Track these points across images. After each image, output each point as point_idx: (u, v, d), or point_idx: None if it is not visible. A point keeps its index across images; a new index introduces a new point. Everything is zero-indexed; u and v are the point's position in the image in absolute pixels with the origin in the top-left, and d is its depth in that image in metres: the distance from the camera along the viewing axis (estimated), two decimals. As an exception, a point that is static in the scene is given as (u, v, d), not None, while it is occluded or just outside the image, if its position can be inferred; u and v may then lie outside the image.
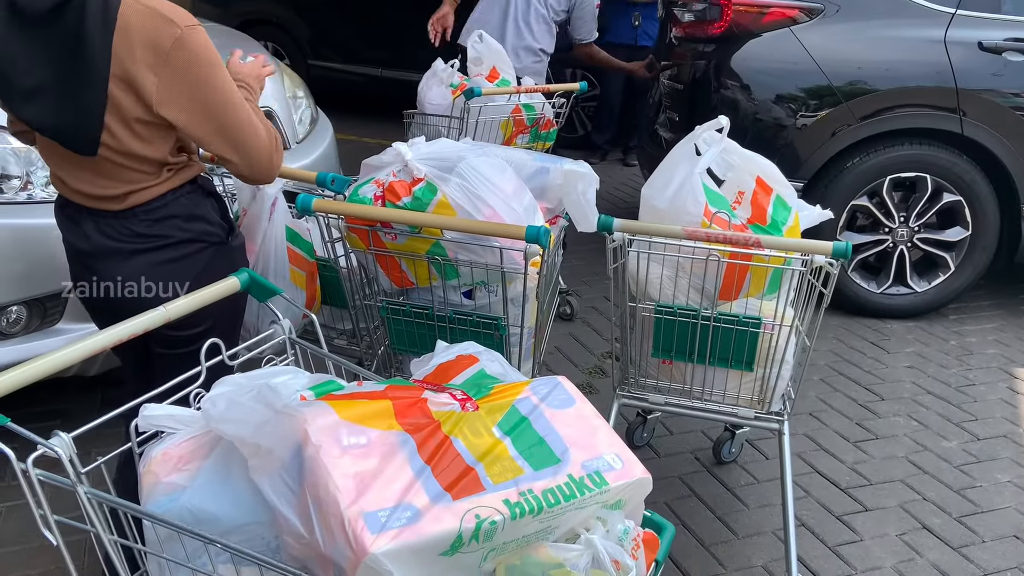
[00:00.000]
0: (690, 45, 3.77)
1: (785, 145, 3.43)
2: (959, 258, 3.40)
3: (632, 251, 1.93)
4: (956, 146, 3.31)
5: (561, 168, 2.11)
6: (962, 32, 3.24)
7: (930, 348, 3.23)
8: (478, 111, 3.05)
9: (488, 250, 1.74)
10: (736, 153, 2.11)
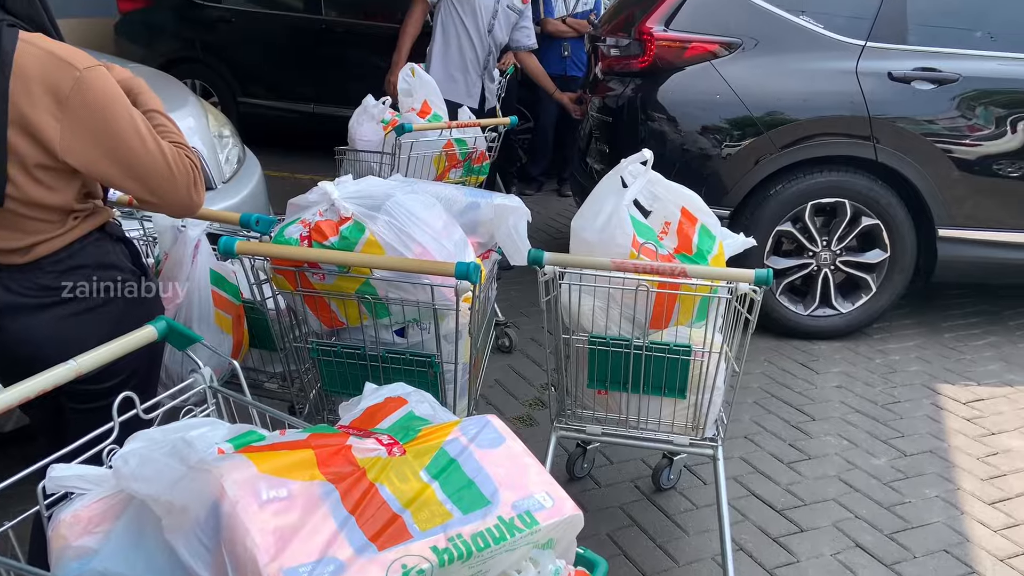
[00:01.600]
0: (616, 79, 3.86)
1: (712, 174, 3.52)
2: (880, 279, 3.52)
3: (564, 283, 1.95)
4: (872, 172, 3.44)
5: (492, 203, 2.12)
6: (872, 63, 3.39)
7: (857, 367, 3.33)
8: (410, 147, 3.05)
9: (419, 287, 1.73)
10: (661, 185, 2.15)
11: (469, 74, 4.13)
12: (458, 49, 4.08)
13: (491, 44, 4.13)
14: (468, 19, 4.03)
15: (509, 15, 4.12)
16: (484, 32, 4.08)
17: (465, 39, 4.07)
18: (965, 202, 3.42)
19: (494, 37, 4.12)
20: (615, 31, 3.91)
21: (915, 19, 3.45)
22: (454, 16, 4.04)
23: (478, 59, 4.12)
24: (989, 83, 3.36)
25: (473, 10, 4.02)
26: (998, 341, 3.58)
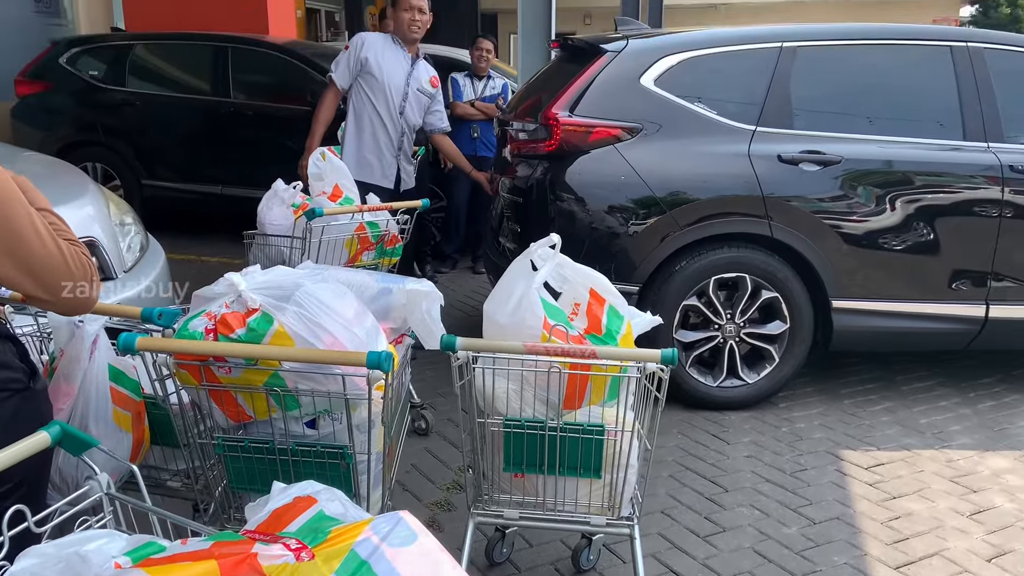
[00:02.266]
0: (525, 161, 3.97)
1: (620, 251, 3.64)
2: (782, 350, 3.67)
3: (477, 368, 1.96)
4: (768, 247, 3.62)
5: (404, 288, 2.13)
6: (763, 146, 3.60)
7: (765, 436, 3.43)
8: (321, 231, 3.04)
9: (330, 377, 1.71)
10: (570, 267, 2.21)
11: (384, 156, 4.19)
12: (371, 132, 4.15)
13: (404, 126, 4.22)
14: (379, 103, 4.12)
15: (420, 98, 4.25)
16: (396, 114, 4.16)
17: (378, 122, 4.14)
18: (855, 274, 3.63)
19: (406, 119, 4.22)
20: (523, 116, 4.05)
21: (799, 106, 3.71)
22: (365, 100, 4.12)
23: (392, 141, 4.19)
24: (868, 164, 3.61)
25: (384, 94, 4.12)
26: (894, 406, 3.75)
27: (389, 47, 4.15)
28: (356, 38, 4.17)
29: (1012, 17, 20.20)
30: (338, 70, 4.12)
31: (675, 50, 3.75)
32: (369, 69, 4.07)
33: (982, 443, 3.38)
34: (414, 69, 4.19)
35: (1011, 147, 3.65)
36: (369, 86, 4.10)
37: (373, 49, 4.10)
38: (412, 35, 4.13)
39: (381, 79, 4.08)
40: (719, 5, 19.70)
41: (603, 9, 17.62)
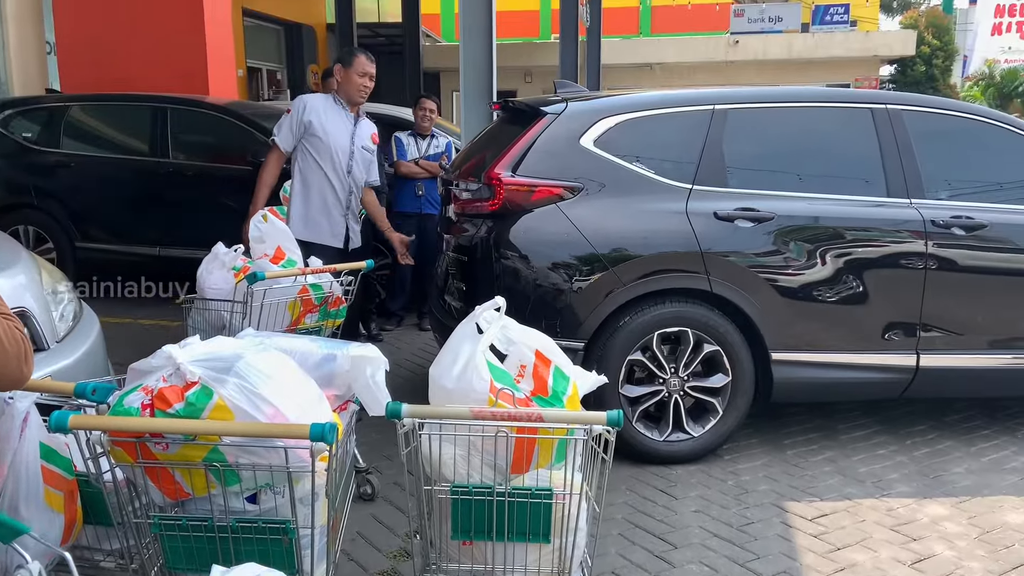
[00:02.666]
0: (470, 220, 4.01)
1: (565, 307, 3.67)
2: (725, 402, 3.72)
3: (424, 434, 1.94)
4: (709, 302, 3.70)
5: (348, 354, 2.12)
6: (700, 204, 3.71)
7: (712, 490, 3.45)
8: (263, 294, 3.01)
9: (272, 450, 1.68)
10: (515, 329, 2.22)
11: (332, 216, 4.19)
12: (320, 193, 4.14)
13: (351, 185, 4.24)
14: (326, 163, 4.14)
15: (364, 155, 4.29)
16: (343, 174, 4.19)
17: (325, 182, 4.15)
18: (792, 326, 3.73)
19: (354, 178, 4.24)
20: (466, 175, 4.10)
21: (732, 165, 3.84)
22: (312, 162, 4.13)
23: (340, 201, 4.20)
24: (799, 220, 3.74)
25: (331, 154, 4.14)
26: (835, 455, 3.83)
27: (331, 108, 4.18)
28: (298, 101, 4.19)
29: (927, 75, 21.35)
30: (281, 133, 4.13)
31: (613, 112, 3.86)
32: (314, 131, 4.08)
33: (920, 491, 3.47)
34: (357, 128, 4.23)
35: (932, 203, 3.83)
36: (315, 148, 4.11)
37: (316, 111, 4.12)
38: (360, 98, 4.19)
39: (327, 140, 4.11)
40: (654, 65, 20.40)
41: (543, 68, 18.09)
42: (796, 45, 19.71)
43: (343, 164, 4.17)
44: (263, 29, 15.34)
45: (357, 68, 4.10)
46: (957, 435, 4.06)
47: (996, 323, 3.87)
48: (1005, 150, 4.06)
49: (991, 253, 3.86)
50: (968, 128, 4.09)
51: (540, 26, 25.52)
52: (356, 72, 4.11)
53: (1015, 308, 3.88)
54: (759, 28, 20.13)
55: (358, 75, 4.11)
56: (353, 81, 4.12)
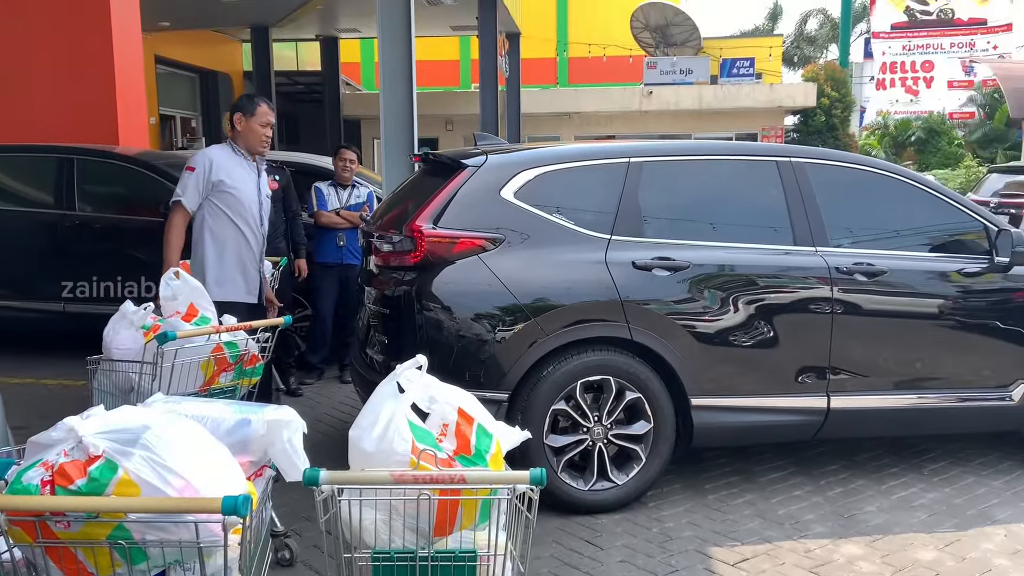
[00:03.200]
0: (391, 272, 3.99)
1: (489, 358, 3.67)
2: (648, 449, 3.77)
3: (343, 500, 1.89)
4: (629, 350, 3.76)
5: (263, 418, 2.05)
6: (618, 254, 3.79)
7: (636, 538, 3.47)
8: (174, 354, 2.90)
9: (181, 525, 1.60)
10: (437, 387, 2.20)
11: (248, 271, 4.08)
12: (235, 250, 4.00)
13: (263, 235, 4.14)
14: (240, 219, 4.02)
15: (267, 204, 4.18)
16: (257, 227, 4.09)
17: (240, 238, 4.02)
18: (710, 372, 3.82)
19: (265, 228, 4.15)
20: (387, 227, 4.09)
21: (648, 215, 3.95)
22: (224, 219, 3.99)
23: (255, 255, 4.10)
24: (713, 268, 3.86)
25: (243, 210, 4.02)
26: (754, 498, 3.91)
27: (235, 159, 4.04)
28: (201, 158, 4.00)
29: (828, 125, 22.54)
30: (187, 194, 3.92)
31: (532, 165, 3.93)
32: (225, 188, 3.95)
33: (835, 531, 3.56)
34: (260, 176, 4.14)
35: (836, 251, 4.01)
36: (227, 204, 3.98)
37: (223, 168, 3.97)
38: (262, 149, 4.09)
39: (239, 196, 3.99)
40: (572, 114, 20.92)
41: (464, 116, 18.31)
42: (706, 96, 20.56)
43: (256, 216, 4.08)
44: (177, 76, 15.10)
45: (259, 118, 4.01)
46: (868, 474, 4.21)
47: (899, 364, 4.05)
48: (898, 199, 4.31)
49: (891, 297, 4.06)
50: (864, 179, 4.32)
51: (460, 75, 25.91)
52: (258, 122, 4.01)
53: (915, 350, 4.08)
54: (671, 80, 20.93)
55: (260, 125, 4.01)
56: (255, 131, 4.02)
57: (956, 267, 4.13)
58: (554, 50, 25.49)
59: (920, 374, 4.08)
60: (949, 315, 4.10)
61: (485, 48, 13.25)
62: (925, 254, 4.23)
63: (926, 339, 4.09)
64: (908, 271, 4.09)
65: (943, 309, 4.08)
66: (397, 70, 6.34)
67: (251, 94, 4.23)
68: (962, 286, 4.12)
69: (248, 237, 4.06)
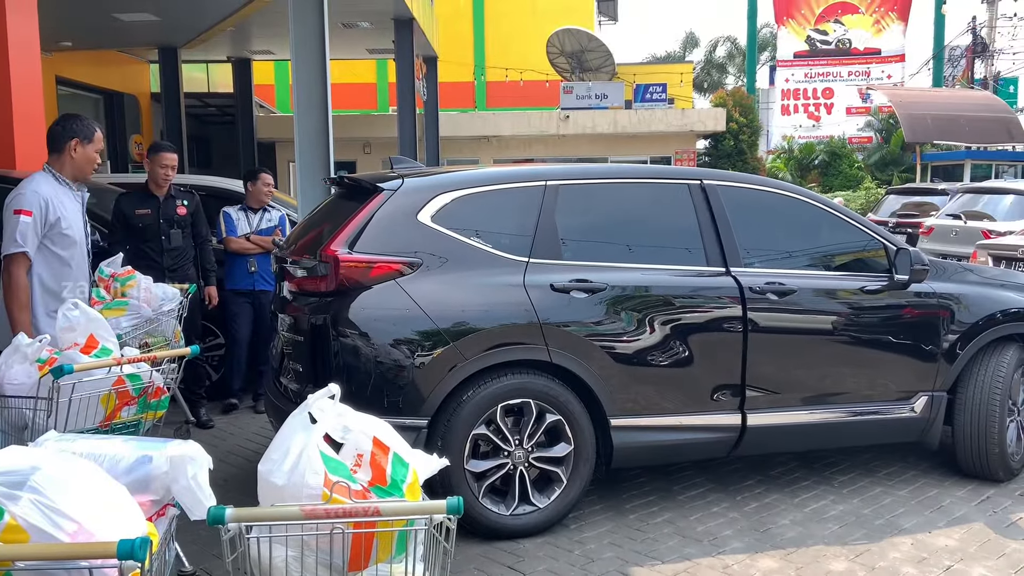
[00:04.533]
0: (305, 298, 3.89)
1: (408, 384, 3.61)
2: (569, 471, 3.76)
3: (251, 538, 1.81)
4: (549, 372, 3.76)
5: (165, 454, 1.96)
6: (537, 277, 3.80)
7: (559, 562, 3.45)
8: (71, 388, 2.74)
9: (76, 573, 1.50)
10: (351, 416, 2.14)
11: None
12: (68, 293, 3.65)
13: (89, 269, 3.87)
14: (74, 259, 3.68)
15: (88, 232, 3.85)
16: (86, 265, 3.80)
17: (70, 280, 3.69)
18: (628, 392, 3.85)
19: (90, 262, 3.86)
20: (301, 252, 4.00)
21: (566, 238, 3.97)
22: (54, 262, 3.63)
23: (85, 296, 3.77)
24: (629, 289, 3.91)
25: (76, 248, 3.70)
26: (673, 516, 3.95)
27: (60, 190, 3.66)
28: (33, 199, 3.53)
29: (736, 149, 23.40)
30: (28, 242, 3.51)
31: (449, 188, 3.91)
32: (60, 229, 3.60)
33: (752, 545, 3.63)
34: (83, 204, 3.79)
35: (747, 271, 4.12)
36: (60, 246, 3.62)
37: (58, 205, 3.60)
38: (90, 175, 3.80)
39: (72, 233, 3.65)
40: (491, 137, 21.07)
41: (382, 139, 18.22)
42: (621, 120, 21.06)
43: (86, 255, 3.79)
44: (80, 98, 14.51)
45: (96, 145, 3.72)
46: (781, 488, 4.32)
47: (809, 381, 4.18)
48: (806, 221, 4.48)
49: (801, 315, 4.20)
50: (774, 201, 4.47)
51: (378, 98, 25.79)
52: (95, 149, 3.71)
53: (824, 366, 4.22)
54: (586, 104, 21.36)
55: (95, 151, 3.72)
56: (91, 157, 3.70)
57: (860, 285, 4.30)
58: (472, 74, 25.69)
59: (829, 389, 4.21)
60: (855, 331, 4.26)
61: (402, 71, 13.23)
62: (832, 273, 4.40)
63: (834, 355, 4.23)
64: (816, 290, 4.23)
65: (849, 326, 4.24)
66: (312, 92, 6.25)
67: (81, 118, 3.77)
68: (866, 303, 4.29)
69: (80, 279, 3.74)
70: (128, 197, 5.25)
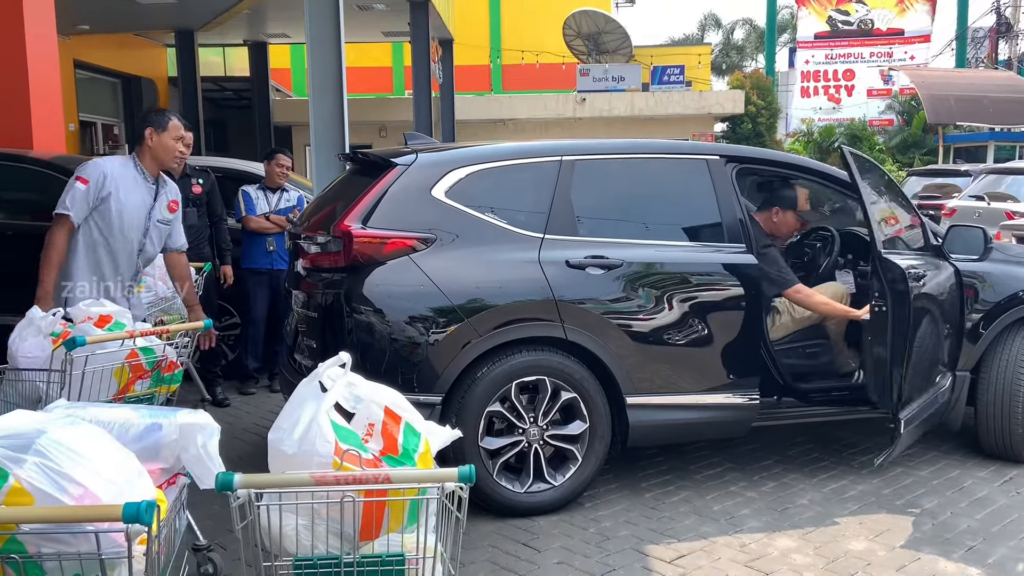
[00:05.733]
0: (319, 275, 3.87)
1: (422, 361, 3.59)
2: (584, 449, 3.73)
3: (262, 505, 1.79)
4: (564, 349, 3.72)
5: (175, 422, 1.94)
6: (552, 253, 3.75)
7: (574, 539, 3.43)
8: (84, 361, 2.74)
9: (81, 536, 1.49)
10: (362, 385, 2.12)
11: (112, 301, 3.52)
12: (97, 273, 3.65)
13: (139, 265, 3.80)
14: (115, 241, 3.64)
15: (160, 229, 3.82)
16: (134, 255, 3.73)
17: (108, 263, 3.66)
18: (644, 370, 3.80)
19: (144, 257, 3.80)
20: (315, 228, 3.97)
21: (581, 214, 3.92)
22: (98, 238, 3.63)
23: (122, 283, 3.72)
24: (646, 267, 3.86)
25: (121, 234, 3.65)
26: (690, 495, 3.91)
27: (133, 178, 3.69)
28: (94, 170, 3.60)
29: (755, 132, 23.16)
30: (75, 207, 3.54)
31: (463, 163, 3.87)
32: (108, 206, 3.59)
33: (769, 524, 3.59)
34: (157, 201, 3.76)
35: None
36: (105, 223, 3.61)
37: (118, 184, 3.61)
38: (174, 166, 3.82)
39: (121, 219, 3.63)
40: (507, 120, 20.96)
41: (398, 123, 18.16)
42: (638, 103, 20.86)
43: (135, 244, 3.71)
44: (98, 82, 14.56)
45: (173, 131, 3.71)
46: (800, 468, 4.26)
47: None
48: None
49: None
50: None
51: (393, 82, 25.71)
52: (172, 136, 3.71)
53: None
54: (603, 87, 21.17)
55: (175, 139, 3.72)
56: (168, 146, 3.70)
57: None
58: (488, 57, 25.53)
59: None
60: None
61: (418, 54, 13.15)
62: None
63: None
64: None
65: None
66: (327, 76, 6.21)
67: (160, 109, 3.88)
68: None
69: (119, 262, 3.70)
70: (144, 175, 5.23)
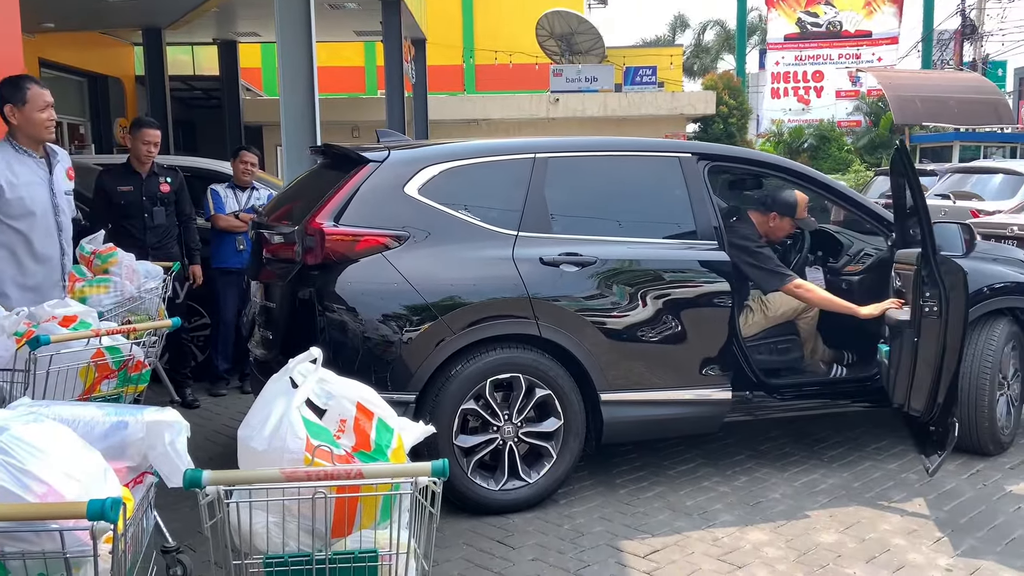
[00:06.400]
0: (284, 267, 3.80)
1: (395, 359, 3.57)
2: (558, 446, 3.73)
3: (231, 502, 1.76)
4: (538, 346, 3.72)
5: (142, 419, 1.91)
6: (526, 250, 3.74)
7: (548, 536, 3.42)
8: (48, 360, 2.68)
9: (44, 535, 1.45)
10: (334, 381, 2.10)
11: (44, 294, 3.44)
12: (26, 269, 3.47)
13: (63, 243, 3.60)
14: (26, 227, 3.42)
15: (69, 201, 3.64)
16: (56, 233, 3.55)
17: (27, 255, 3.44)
18: (618, 367, 3.81)
19: (65, 236, 3.61)
20: (280, 220, 3.93)
21: (555, 211, 3.92)
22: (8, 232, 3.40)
23: (54, 268, 3.57)
24: (620, 264, 3.86)
25: (33, 218, 3.44)
26: (664, 491, 3.92)
27: (18, 160, 3.43)
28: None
29: (726, 132, 23.39)
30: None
31: (436, 160, 3.85)
32: (6, 197, 3.35)
33: (742, 518, 3.61)
34: (53, 174, 3.54)
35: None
36: (12, 214, 3.38)
37: (4, 171, 3.36)
38: (48, 135, 3.51)
39: (23, 203, 3.40)
40: (480, 121, 20.95)
41: (371, 122, 18.05)
42: (611, 103, 20.97)
43: (52, 222, 3.52)
44: (64, 81, 14.29)
45: (35, 103, 3.40)
46: (772, 462, 4.30)
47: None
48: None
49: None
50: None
51: (366, 82, 25.58)
52: (35, 108, 3.40)
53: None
54: (576, 87, 21.25)
55: (38, 110, 3.41)
56: (34, 119, 3.41)
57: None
58: (460, 57, 25.49)
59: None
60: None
61: (390, 54, 13.08)
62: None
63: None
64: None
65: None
66: (298, 75, 6.16)
67: (13, 78, 3.48)
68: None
69: (46, 251, 3.52)
70: (110, 173, 5.16)
